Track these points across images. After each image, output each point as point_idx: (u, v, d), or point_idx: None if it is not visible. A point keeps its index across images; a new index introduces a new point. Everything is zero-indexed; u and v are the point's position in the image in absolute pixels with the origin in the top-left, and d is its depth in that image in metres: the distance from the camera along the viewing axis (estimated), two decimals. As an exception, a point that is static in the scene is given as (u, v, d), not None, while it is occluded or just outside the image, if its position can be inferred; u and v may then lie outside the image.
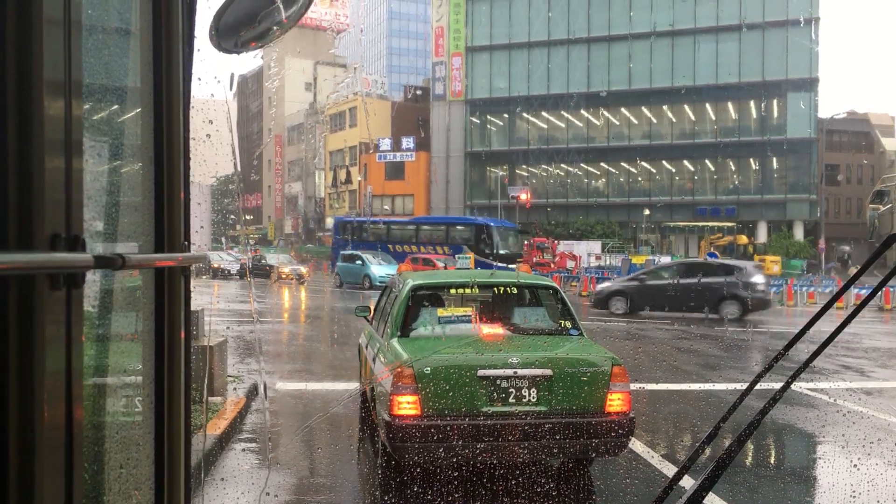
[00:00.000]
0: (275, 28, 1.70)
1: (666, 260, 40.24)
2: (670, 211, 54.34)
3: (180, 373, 1.32)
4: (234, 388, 9.09)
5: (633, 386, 6.10)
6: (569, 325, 6.52)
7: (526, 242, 44.98)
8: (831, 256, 52.64)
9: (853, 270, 37.18)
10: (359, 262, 34.61)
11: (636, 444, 6.82)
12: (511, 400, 5.49)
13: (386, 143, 61.44)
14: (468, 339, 6.08)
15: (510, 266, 35.07)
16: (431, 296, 6.77)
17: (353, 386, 9.29)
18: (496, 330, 6.37)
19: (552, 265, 39.93)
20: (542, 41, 55.55)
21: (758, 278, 20.54)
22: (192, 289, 1.41)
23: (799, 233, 50.99)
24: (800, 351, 1.78)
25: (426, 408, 5.35)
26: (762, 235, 51.10)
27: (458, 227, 41.57)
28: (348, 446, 7.55)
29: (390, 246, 40.53)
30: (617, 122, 55.58)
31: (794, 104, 50.20)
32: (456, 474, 5.85)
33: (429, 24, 69.01)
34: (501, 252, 37.27)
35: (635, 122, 55.02)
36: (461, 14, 57.81)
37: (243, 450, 7.09)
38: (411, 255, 36.30)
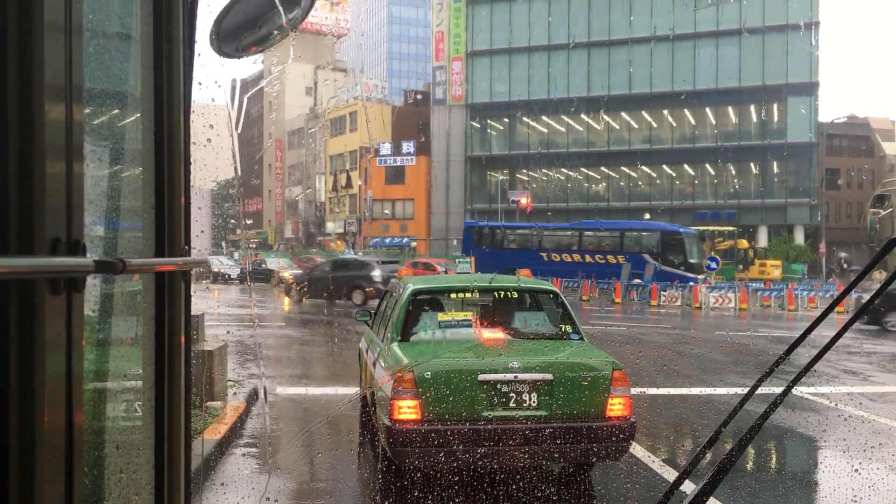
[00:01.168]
0: (275, 32, 1.70)
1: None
2: (671, 215, 54.27)
3: (180, 377, 1.32)
4: (235, 393, 9.09)
5: (634, 390, 6.10)
6: (569, 329, 6.52)
7: None
8: (832, 261, 52.59)
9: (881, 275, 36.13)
10: (359, 266, 34.54)
11: (637, 449, 6.81)
12: (511, 404, 5.48)
13: (386, 148, 61.49)
14: (469, 343, 6.07)
15: (698, 276, 31.76)
16: (432, 300, 6.76)
17: (354, 390, 9.28)
18: (496, 334, 6.37)
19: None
20: (542, 45, 55.63)
21: (375, 273, 25.46)
22: (192, 293, 1.41)
23: (799, 237, 50.97)
24: (801, 355, 1.78)
25: (426, 412, 5.34)
26: (763, 239, 51.11)
27: (636, 234, 36.44)
28: (349, 451, 7.54)
29: (543, 255, 35.35)
30: (617, 127, 55.63)
31: (795, 108, 50.22)
32: (456, 479, 5.84)
33: (429, 28, 69.16)
34: (691, 261, 33.01)
35: (636, 126, 55.07)
36: (461, 19, 57.93)
37: (243, 454, 7.08)
38: (572, 265, 32.35)
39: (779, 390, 1.61)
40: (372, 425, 6.59)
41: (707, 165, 54.03)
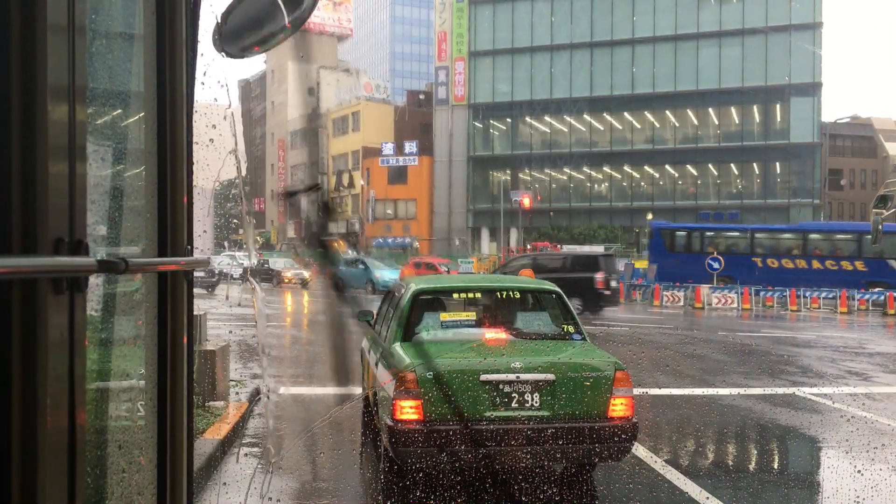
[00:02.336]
0: (278, 33, 1.70)
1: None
2: (673, 215, 54.28)
3: (183, 377, 1.32)
4: (237, 393, 9.09)
5: (636, 391, 6.09)
6: (571, 329, 6.51)
7: (529, 246, 44.89)
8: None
9: None
10: (361, 266, 34.66)
11: (639, 450, 6.80)
12: (514, 405, 5.48)
13: (389, 148, 61.54)
14: (471, 343, 6.07)
15: None
16: (434, 300, 6.76)
17: (356, 390, 9.29)
18: (499, 334, 6.37)
19: (555, 270, 39.86)
20: (544, 46, 55.65)
21: None
22: (193, 292, 1.41)
23: (802, 237, 50.89)
24: (803, 356, 1.79)
25: (428, 412, 5.34)
26: (765, 240, 51.04)
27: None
28: (350, 451, 7.55)
29: (756, 260, 30.87)
30: (620, 127, 55.62)
31: (797, 109, 50.20)
32: (458, 479, 5.84)
33: (431, 28, 69.16)
34: None
35: (638, 126, 55.06)
36: (464, 19, 57.94)
37: (245, 454, 7.09)
38: (795, 273, 29.29)
39: (780, 390, 1.61)
40: (374, 425, 6.59)
41: (710, 166, 54.01)
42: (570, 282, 21.42)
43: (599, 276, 21.80)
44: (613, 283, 23.05)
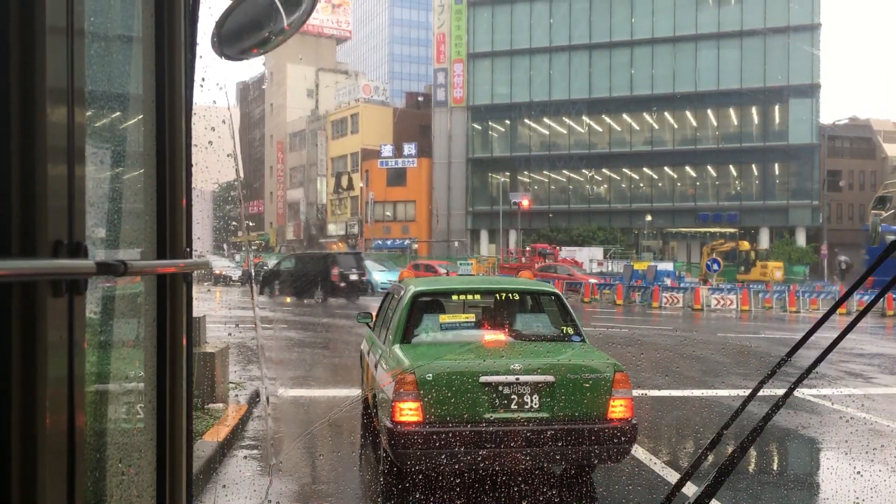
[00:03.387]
0: (277, 35, 1.70)
1: (668, 266, 40.20)
2: (672, 217, 54.33)
3: (182, 379, 1.32)
4: (236, 395, 9.09)
5: (636, 392, 6.09)
6: (571, 331, 6.51)
7: (528, 248, 44.90)
8: (833, 262, 52.56)
9: None
10: (360, 268, 34.57)
11: (639, 451, 6.80)
12: (513, 406, 5.47)
13: (388, 150, 61.54)
14: (470, 345, 6.07)
15: None
16: (433, 302, 6.76)
17: (355, 392, 9.28)
18: (498, 336, 6.36)
19: (554, 271, 39.91)
20: (543, 47, 55.71)
21: None
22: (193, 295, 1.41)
23: (801, 239, 50.94)
24: (802, 357, 1.78)
25: (428, 414, 5.34)
26: (764, 241, 51.12)
27: None
28: (350, 453, 7.54)
29: None
30: (619, 128, 55.66)
31: (796, 110, 50.25)
32: (458, 481, 5.83)
33: (430, 30, 69.22)
34: None
35: (637, 128, 55.10)
36: (462, 21, 58.00)
37: (245, 457, 7.08)
38: None
39: (781, 392, 1.61)
40: (373, 427, 6.59)
41: (709, 167, 54.06)
42: (310, 275, 27.55)
43: (334, 271, 27.25)
44: (353, 277, 28.01)
